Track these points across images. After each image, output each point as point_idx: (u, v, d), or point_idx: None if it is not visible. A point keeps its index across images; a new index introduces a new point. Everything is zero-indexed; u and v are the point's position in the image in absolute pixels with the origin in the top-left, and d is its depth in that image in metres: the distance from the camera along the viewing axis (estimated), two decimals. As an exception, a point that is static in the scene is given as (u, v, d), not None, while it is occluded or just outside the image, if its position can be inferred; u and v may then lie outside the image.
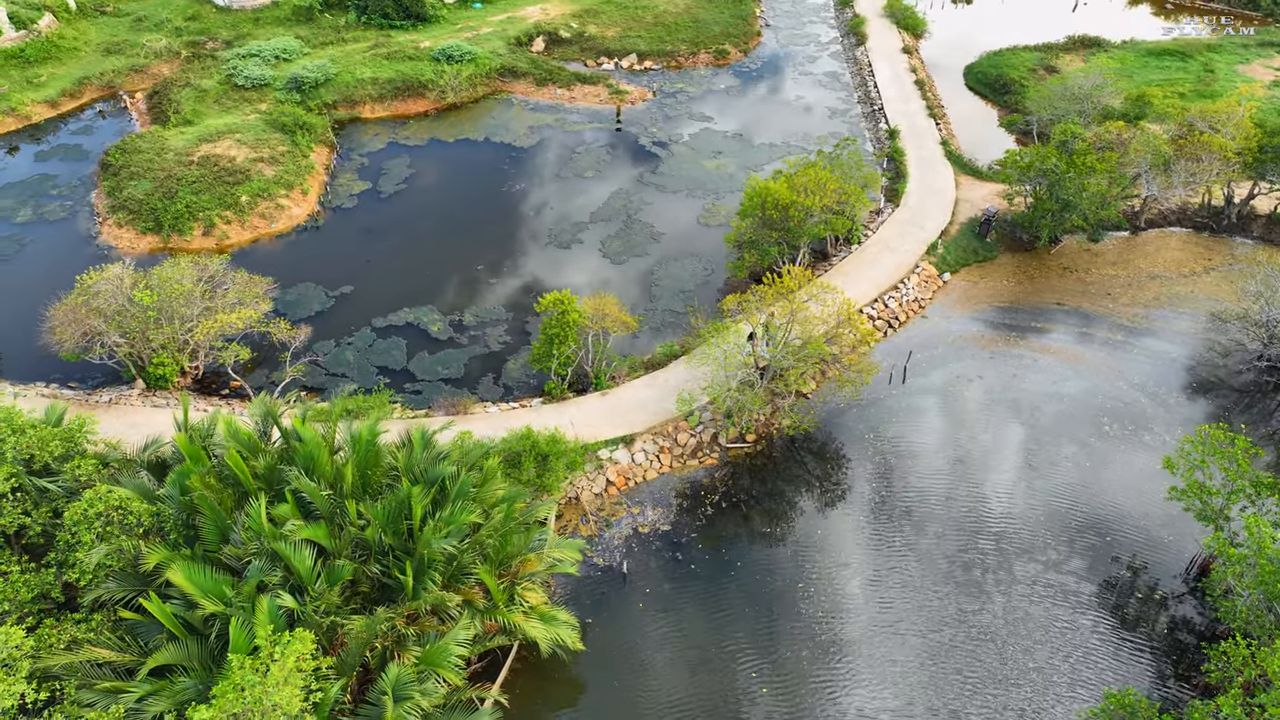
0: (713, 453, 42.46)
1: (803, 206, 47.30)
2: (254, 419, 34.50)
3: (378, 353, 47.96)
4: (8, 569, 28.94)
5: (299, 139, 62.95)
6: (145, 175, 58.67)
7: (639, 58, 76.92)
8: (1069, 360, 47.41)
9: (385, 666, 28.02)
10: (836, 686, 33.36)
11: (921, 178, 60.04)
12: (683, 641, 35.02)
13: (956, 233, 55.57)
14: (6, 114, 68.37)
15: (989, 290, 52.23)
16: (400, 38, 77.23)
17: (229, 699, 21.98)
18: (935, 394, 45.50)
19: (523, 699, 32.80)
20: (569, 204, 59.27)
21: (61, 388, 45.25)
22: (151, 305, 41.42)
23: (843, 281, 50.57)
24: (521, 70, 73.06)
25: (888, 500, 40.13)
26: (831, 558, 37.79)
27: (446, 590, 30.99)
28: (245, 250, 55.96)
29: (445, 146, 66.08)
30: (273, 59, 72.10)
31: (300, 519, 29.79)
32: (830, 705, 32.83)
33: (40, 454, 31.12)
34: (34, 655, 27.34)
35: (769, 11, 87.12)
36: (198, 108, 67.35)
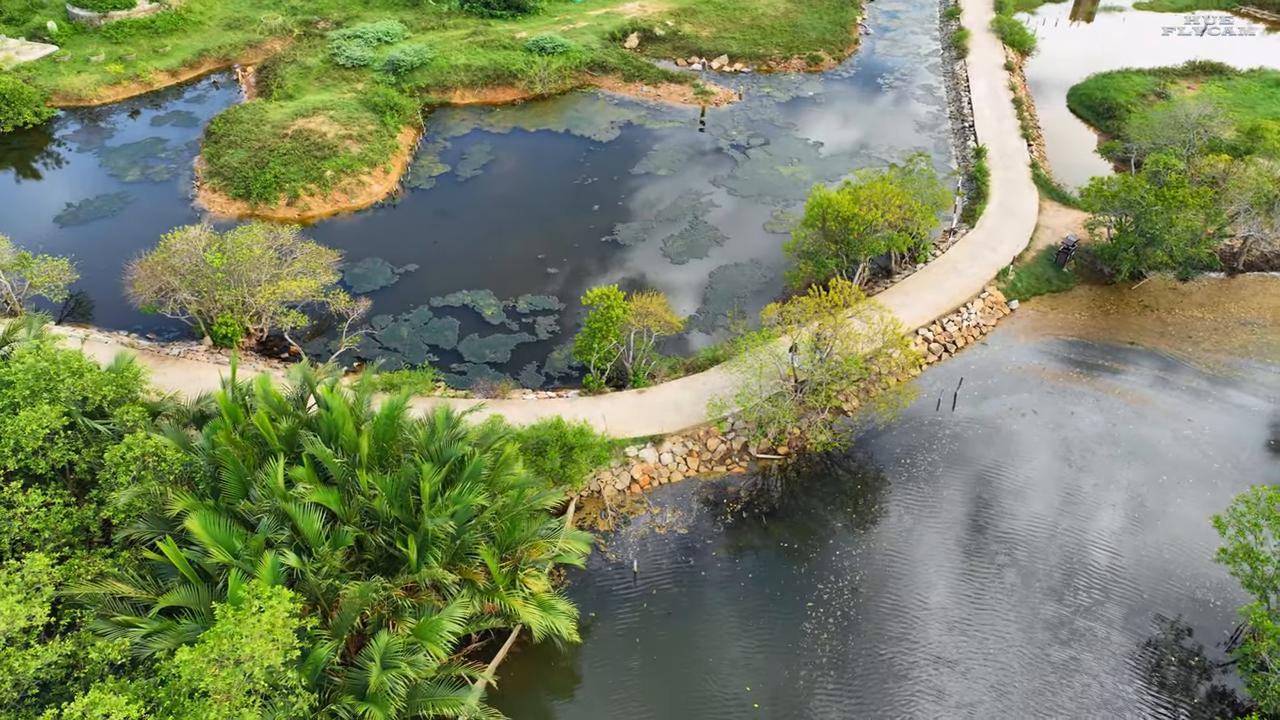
0: (742, 461, 42.09)
1: (864, 220, 46.28)
2: (293, 383, 36.10)
3: (431, 331, 49.36)
4: (53, 500, 31.14)
5: (388, 119, 65.22)
6: (242, 145, 61.89)
7: (730, 59, 76.53)
8: (1134, 403, 44.93)
9: (377, 634, 28.93)
10: (829, 711, 32.67)
11: (1003, 199, 57.82)
12: (683, 646, 34.91)
13: (1032, 260, 53.32)
14: (132, 80, 73.20)
15: (1058, 322, 49.94)
16: (499, 27, 79.03)
17: (209, 645, 23.20)
18: (983, 424, 43.85)
19: (515, 683, 33.34)
20: (637, 201, 59.56)
21: (140, 338, 48.29)
22: (221, 267, 43.75)
23: (901, 300, 49.28)
24: (611, 65, 73.73)
25: (914, 530, 38.97)
26: (845, 581, 36.97)
27: (449, 568, 31.82)
28: (325, 222, 58.39)
29: (526, 136, 67.32)
30: (375, 41, 74.85)
31: (317, 483, 31.08)
32: (821, 729, 32.24)
33: (94, 397, 33.36)
34: (62, 583, 29.40)
35: (871, 20, 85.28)
36: (300, 84, 70.57)
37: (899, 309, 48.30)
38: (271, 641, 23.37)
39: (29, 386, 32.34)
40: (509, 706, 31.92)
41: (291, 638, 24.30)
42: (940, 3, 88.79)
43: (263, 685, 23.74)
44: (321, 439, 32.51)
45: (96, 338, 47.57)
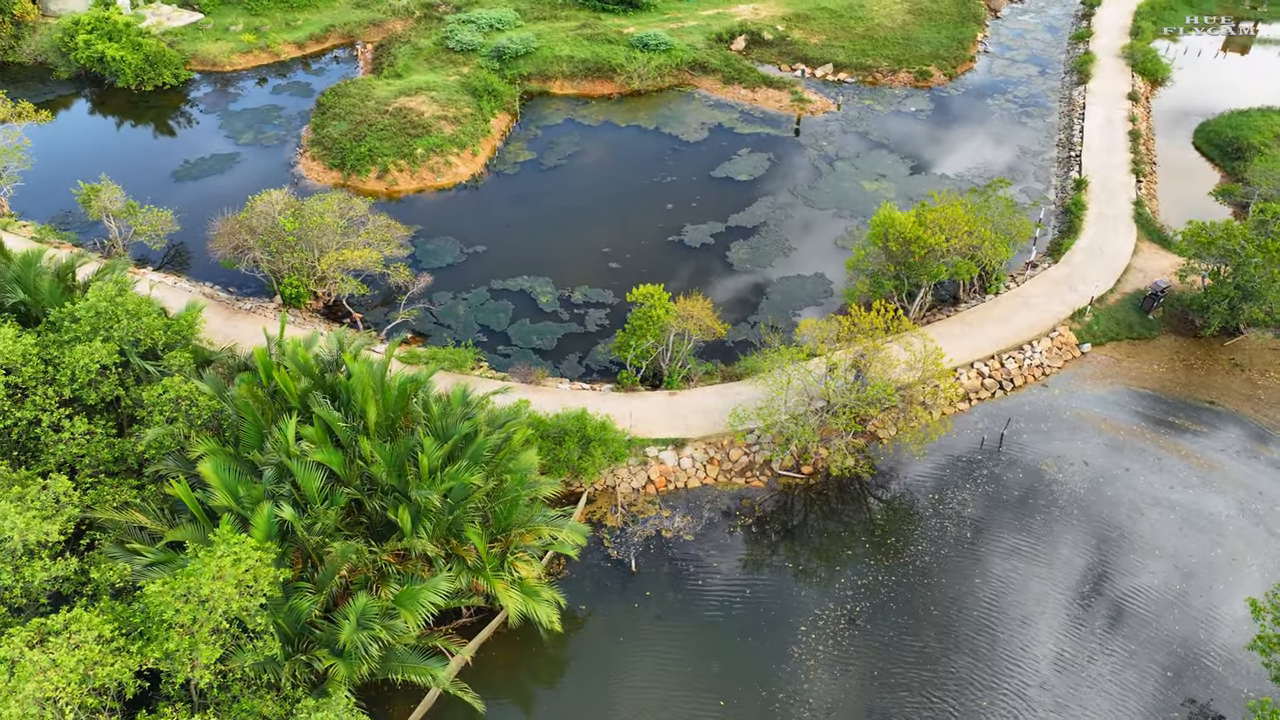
0: (762, 475, 41.46)
1: (926, 244, 44.63)
2: (329, 347, 37.88)
3: (486, 312, 50.71)
4: (95, 430, 33.84)
5: (484, 104, 67.18)
6: (345, 117, 65.06)
7: (835, 68, 74.99)
8: (1200, 467, 41.69)
9: (357, 594, 30.15)
10: (800, 740, 31.97)
11: (1095, 236, 54.54)
12: (666, 651, 34.81)
13: (1115, 302, 50.11)
14: (262, 50, 78.05)
15: (1133, 371, 46.79)
16: (608, 21, 79.99)
17: (176, 581, 24.83)
18: (1026, 470, 41.65)
19: (493, 663, 34.07)
20: (712, 204, 59.28)
21: (222, 290, 51.59)
22: (292, 231, 46.25)
23: (961, 330, 47.33)
24: (712, 66, 73.50)
25: (925, 570, 37.44)
26: (844, 611, 35.95)
27: (443, 542, 32.79)
28: (410, 198, 60.74)
29: (616, 130, 67.98)
30: (487, 27, 77.11)
31: (327, 444, 32.59)
32: (787, 756, 31.55)
33: (145, 339, 35.99)
34: (90, 506, 31.94)
35: (993, 38, 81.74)
36: (410, 64, 73.52)
37: (956, 339, 46.51)
38: (234, 585, 24.76)
39: (90, 324, 35.19)
40: (482, 685, 32.69)
41: (256, 582, 25.64)
42: (1073, 24, 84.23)
43: (223, 624, 25.18)
44: (341, 403, 34.06)
45: (182, 286, 51.21)
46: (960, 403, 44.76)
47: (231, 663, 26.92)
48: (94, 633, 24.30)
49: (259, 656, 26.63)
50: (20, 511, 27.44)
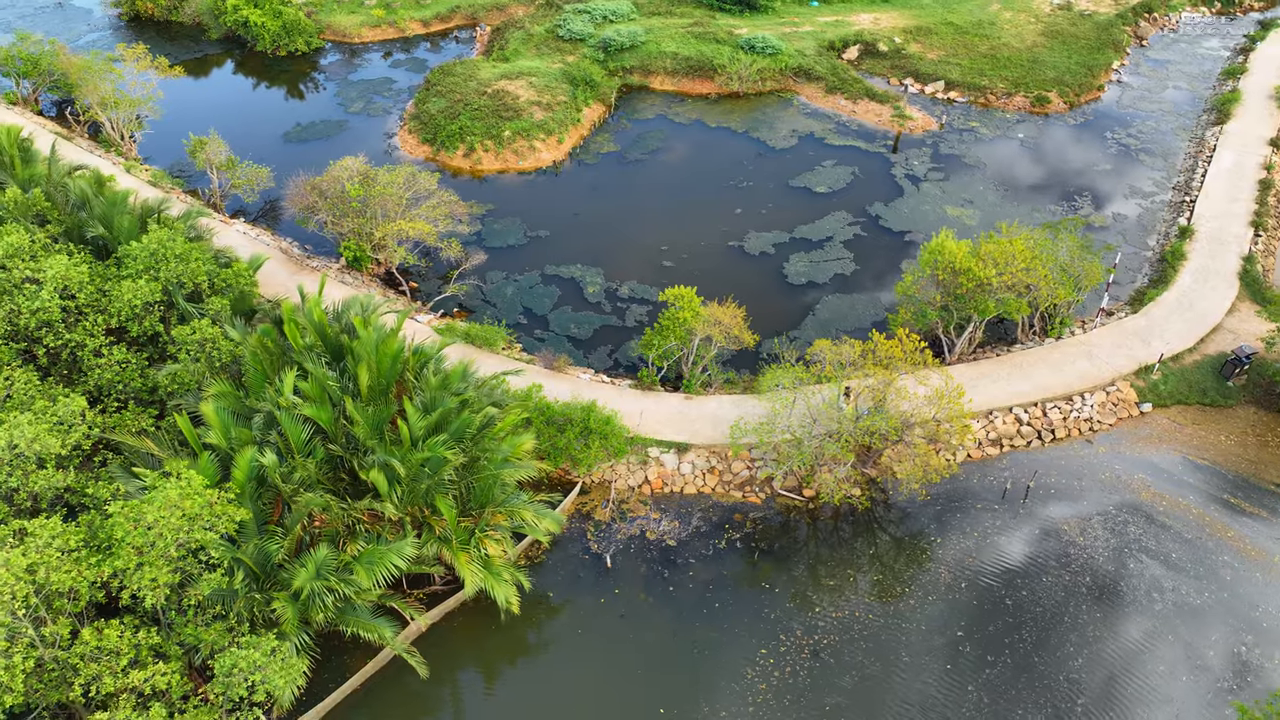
0: (761, 492, 40.66)
1: (975, 276, 42.40)
2: (356, 309, 39.79)
3: (533, 295, 51.81)
4: (130, 360, 36.89)
5: (579, 93, 68.34)
6: (446, 95, 67.68)
7: (946, 86, 71.95)
8: (1245, 554, 37.93)
9: (319, 545, 31.71)
10: (730, 762, 31.39)
11: (1188, 289, 50.23)
12: (620, 650, 34.87)
13: (1192, 363, 46.08)
14: (389, 25, 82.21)
15: (1195, 439, 42.96)
16: (722, 20, 79.58)
17: (130, 506, 26.99)
18: (1043, 528, 39.07)
19: (451, 633, 35.05)
20: (782, 213, 58.23)
21: (297, 246, 54.89)
22: (356, 198, 48.71)
23: (1007, 372, 44.78)
24: (816, 74, 71.99)
25: (902, 616, 35.77)
26: (809, 641, 34.89)
27: (417, 510, 33.98)
28: (491, 177, 62.63)
29: (705, 130, 67.73)
30: (600, 18, 78.25)
31: (325, 400, 34.34)
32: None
33: (189, 282, 38.90)
34: (112, 428, 34.91)
35: (1132, 66, 76.17)
36: (519, 48, 75.62)
37: (999, 380, 44.10)
38: (180, 516, 26.64)
39: (144, 263, 38.35)
40: (433, 653, 33.77)
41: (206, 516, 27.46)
42: (1228, 59, 77.41)
43: (173, 551, 27.11)
44: (348, 362, 35.80)
45: (263, 239, 54.83)
46: (990, 447, 42.40)
47: (189, 589, 28.93)
48: (58, 540, 26.69)
49: (209, 588, 28.49)
50: (33, 423, 30.39)
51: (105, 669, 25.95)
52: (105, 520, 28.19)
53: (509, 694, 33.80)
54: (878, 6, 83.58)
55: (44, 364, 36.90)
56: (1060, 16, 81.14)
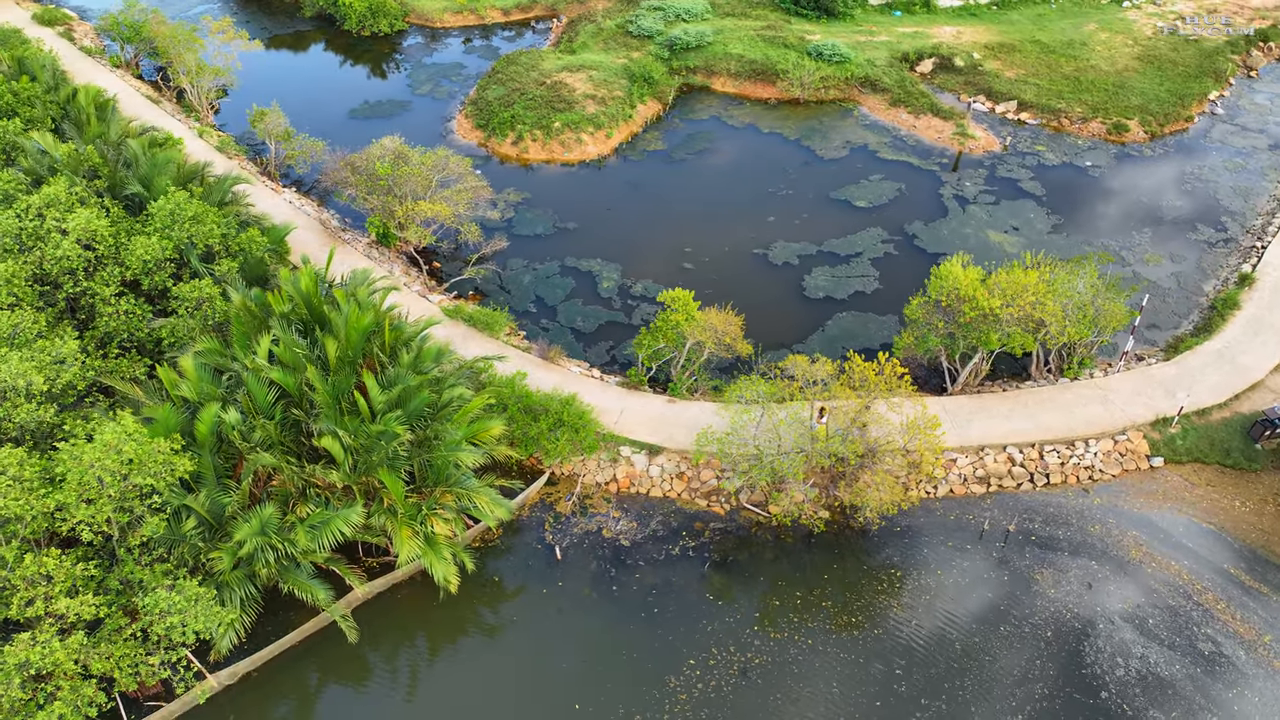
0: (727, 503, 40.15)
1: (979, 306, 40.62)
2: (354, 282, 41.29)
3: (548, 285, 52.49)
4: (135, 310, 39.34)
5: (635, 90, 68.59)
6: (506, 83, 69.14)
7: (1018, 106, 68.83)
8: (1232, 630, 35.13)
9: (265, 504, 33.19)
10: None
11: (1234, 340, 46.70)
12: (551, 642, 35.17)
13: (1219, 420, 42.87)
14: (470, 13, 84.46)
15: (1206, 501, 40.00)
16: (796, 25, 78.31)
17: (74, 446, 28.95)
18: (1015, 576, 37.18)
19: (394, 604, 36.10)
20: (817, 225, 57.04)
21: (337, 218, 57.17)
22: (384, 176, 50.41)
23: (1008, 409, 42.77)
24: (882, 85, 70.07)
25: (841, 647, 34.73)
26: (740, 658, 34.33)
27: (366, 480, 35.10)
28: (535, 166, 63.65)
29: (756, 135, 66.95)
30: (672, 16, 78.20)
31: (301, 365, 35.85)
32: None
33: (200, 243, 41.18)
34: (109, 372, 37.37)
35: (1232, 99, 70.98)
36: (588, 41, 76.44)
37: (999, 416, 42.21)
38: (116, 459, 28.42)
39: (162, 222, 40.84)
40: (370, 621, 34.94)
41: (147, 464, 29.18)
42: (1344, 97, 71.26)
43: (112, 492, 28.93)
44: (327, 333, 37.27)
45: (306, 209, 57.39)
46: (975, 484, 40.62)
47: (134, 531, 30.79)
48: (19, 470, 28.87)
49: (149, 531, 30.27)
50: (22, 360, 32.91)
51: (39, 593, 27.95)
52: (54, 456, 30.27)
53: (433, 670, 34.59)
54: (963, 20, 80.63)
55: (62, 308, 39.78)
56: (1162, 41, 76.34)
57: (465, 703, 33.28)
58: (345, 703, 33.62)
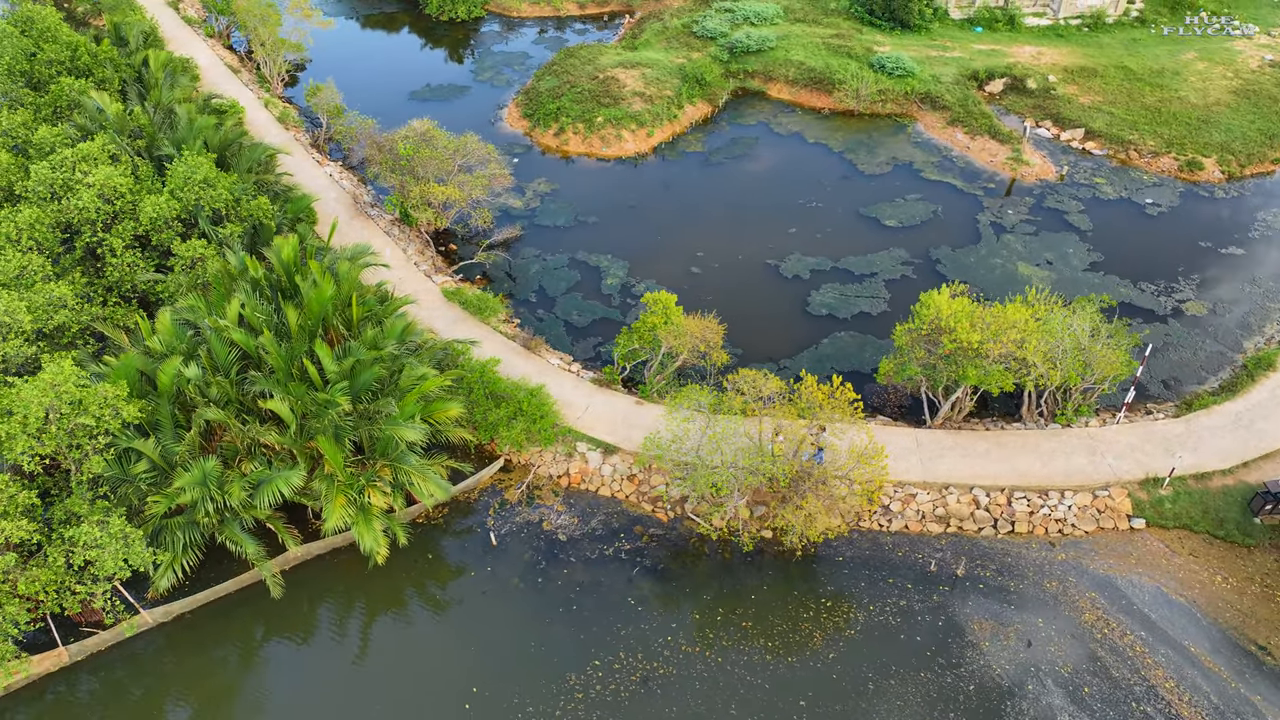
0: (672, 510, 39.82)
1: (957, 338, 38.84)
2: (346, 260, 42.91)
3: (553, 276, 53.09)
4: (138, 263, 42.04)
5: (684, 90, 68.35)
6: (559, 75, 70.11)
7: (1086, 134, 65.13)
8: (1177, 712, 32.57)
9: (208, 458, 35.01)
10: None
11: (1259, 403, 43.04)
12: (466, 625, 35.84)
13: (1219, 488, 39.67)
14: (547, 5, 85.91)
15: (1182, 571, 37.13)
16: (866, 36, 76.26)
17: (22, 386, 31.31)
18: (950, 623, 35.48)
19: (323, 567, 37.45)
20: (838, 240, 55.60)
21: (371, 195, 59.35)
22: (404, 156, 52.06)
23: (985, 448, 40.81)
24: (942, 103, 67.55)
25: (752, 673, 33.97)
26: (642, 668, 34.08)
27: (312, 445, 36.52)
28: (572, 159, 64.31)
29: (800, 145, 65.71)
30: (741, 19, 77.39)
31: (259, 327, 37.65)
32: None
33: (207, 206, 43.59)
34: (103, 318, 40.11)
35: (1333, 143, 65.01)
36: (651, 39, 76.59)
37: (974, 456, 40.41)
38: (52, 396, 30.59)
39: (176, 183, 43.47)
40: (308, 580, 36.43)
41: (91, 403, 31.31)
42: None
43: (52, 429, 31.15)
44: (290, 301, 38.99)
45: (343, 183, 59.72)
46: (933, 522, 38.94)
47: (82, 467, 33.05)
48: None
49: (94, 470, 32.45)
50: (16, 299, 35.76)
51: (-26, 515, 30.45)
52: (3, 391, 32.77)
53: (344, 636, 35.69)
54: (1048, 41, 76.75)
55: (80, 255, 42.88)
56: (1266, 75, 70.69)
57: (369, 671, 34.27)
58: (261, 653, 35.12)
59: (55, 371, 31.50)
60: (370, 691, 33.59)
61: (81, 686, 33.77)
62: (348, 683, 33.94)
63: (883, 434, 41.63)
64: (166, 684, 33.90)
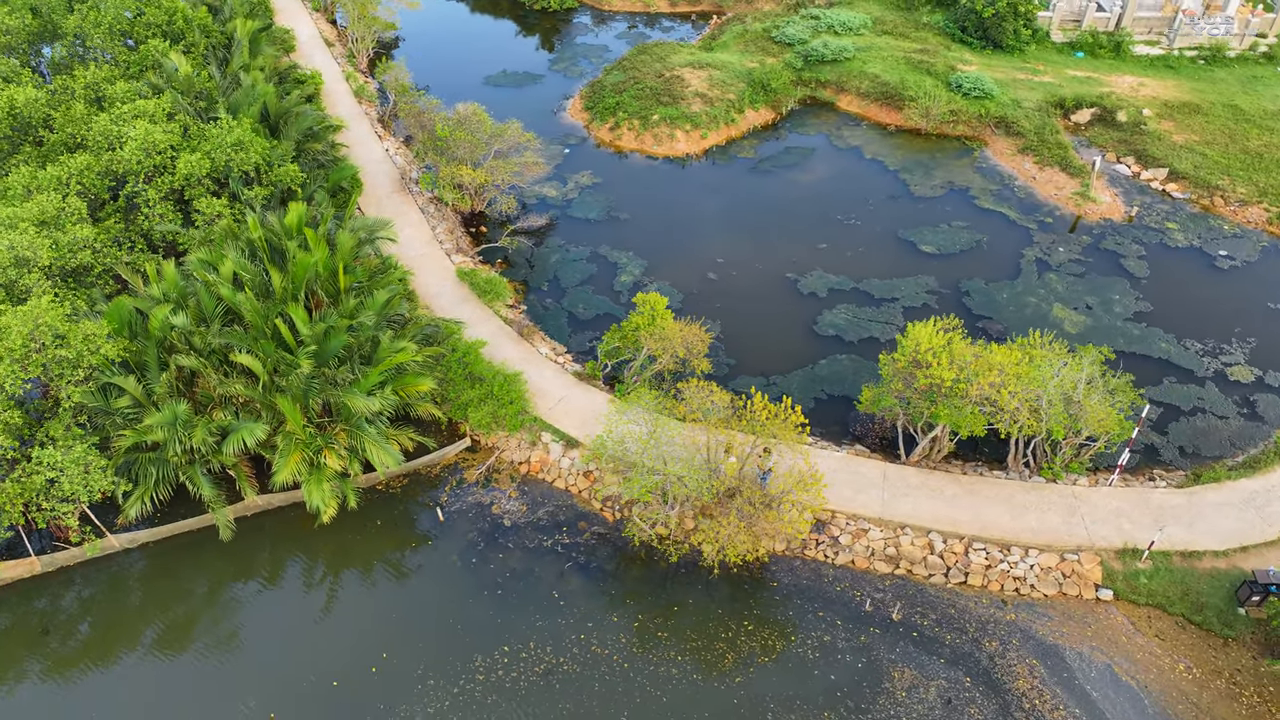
0: (619, 511, 39.82)
1: (934, 375, 37.11)
2: (348, 231, 44.91)
3: (570, 267, 53.70)
4: (169, 214, 45.23)
5: (747, 95, 67.55)
6: (627, 71, 70.59)
7: (1169, 175, 60.50)
8: (1094, 800, 30.31)
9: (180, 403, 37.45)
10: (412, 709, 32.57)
11: (1277, 486, 39.21)
12: (388, 595, 37.02)
13: (1207, 569, 36.43)
14: (637, 1, 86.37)
15: (1141, 653, 34.30)
16: (953, 53, 73.12)
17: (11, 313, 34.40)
18: (869, 667, 34.07)
19: (279, 518, 39.41)
20: (868, 261, 53.84)
21: (418, 171, 61.57)
22: (441, 137, 53.80)
23: (955, 492, 38.93)
24: (1016, 129, 64.19)
25: (644, 684, 33.66)
26: (548, 661, 34.37)
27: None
28: (626, 155, 64.63)
29: (856, 159, 63.86)
30: (825, 27, 75.65)
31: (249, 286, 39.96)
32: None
33: (238, 169, 46.39)
34: (127, 262, 43.42)
35: None
36: (729, 42, 75.93)
37: (943, 499, 38.74)
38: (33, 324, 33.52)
39: (212, 145, 46.47)
40: (265, 528, 38.58)
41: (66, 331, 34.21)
42: None
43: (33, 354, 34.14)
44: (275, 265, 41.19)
45: (396, 159, 62.14)
46: (881, 561, 37.41)
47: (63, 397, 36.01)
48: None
49: (75, 399, 35.36)
50: (42, 236, 39.30)
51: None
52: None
53: (282, 584, 37.49)
54: (1154, 72, 71.54)
55: (122, 205, 46.51)
56: (1400, 128, 63.72)
57: (295, 619, 35.90)
58: (205, 588, 37.23)
59: (35, 304, 34.47)
60: (292, 639, 35.27)
61: (48, 592, 36.86)
62: (274, 626, 35.72)
63: (850, 464, 40.36)
64: (123, 599, 36.64)
